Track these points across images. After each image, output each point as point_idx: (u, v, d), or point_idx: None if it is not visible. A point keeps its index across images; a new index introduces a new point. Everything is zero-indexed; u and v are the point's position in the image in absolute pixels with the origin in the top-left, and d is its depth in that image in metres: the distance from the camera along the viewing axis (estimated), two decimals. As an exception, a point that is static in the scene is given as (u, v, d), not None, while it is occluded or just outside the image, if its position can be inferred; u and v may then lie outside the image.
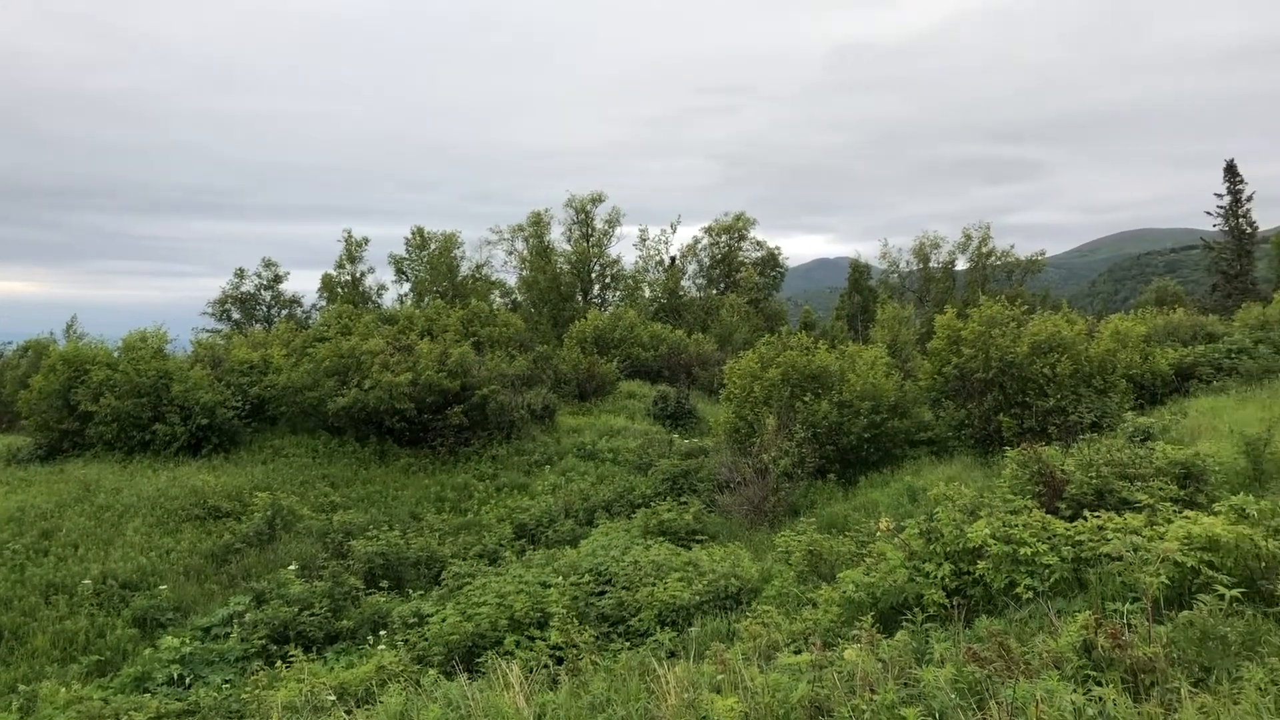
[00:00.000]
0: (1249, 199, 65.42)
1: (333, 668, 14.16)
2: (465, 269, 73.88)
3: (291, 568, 20.60)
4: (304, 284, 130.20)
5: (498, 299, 71.08)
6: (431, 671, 10.40)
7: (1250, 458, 15.89)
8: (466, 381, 32.81)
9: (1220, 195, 65.89)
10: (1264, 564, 8.33)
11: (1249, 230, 65.50)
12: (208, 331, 65.98)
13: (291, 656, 12.95)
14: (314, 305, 74.57)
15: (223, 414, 30.83)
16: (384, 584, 19.51)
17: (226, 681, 14.66)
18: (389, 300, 74.14)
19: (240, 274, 74.41)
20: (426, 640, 13.22)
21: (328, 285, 73.67)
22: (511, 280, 74.83)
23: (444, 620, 13.48)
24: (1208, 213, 66.58)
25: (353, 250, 73.98)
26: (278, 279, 75.38)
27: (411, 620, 15.17)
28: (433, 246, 73.69)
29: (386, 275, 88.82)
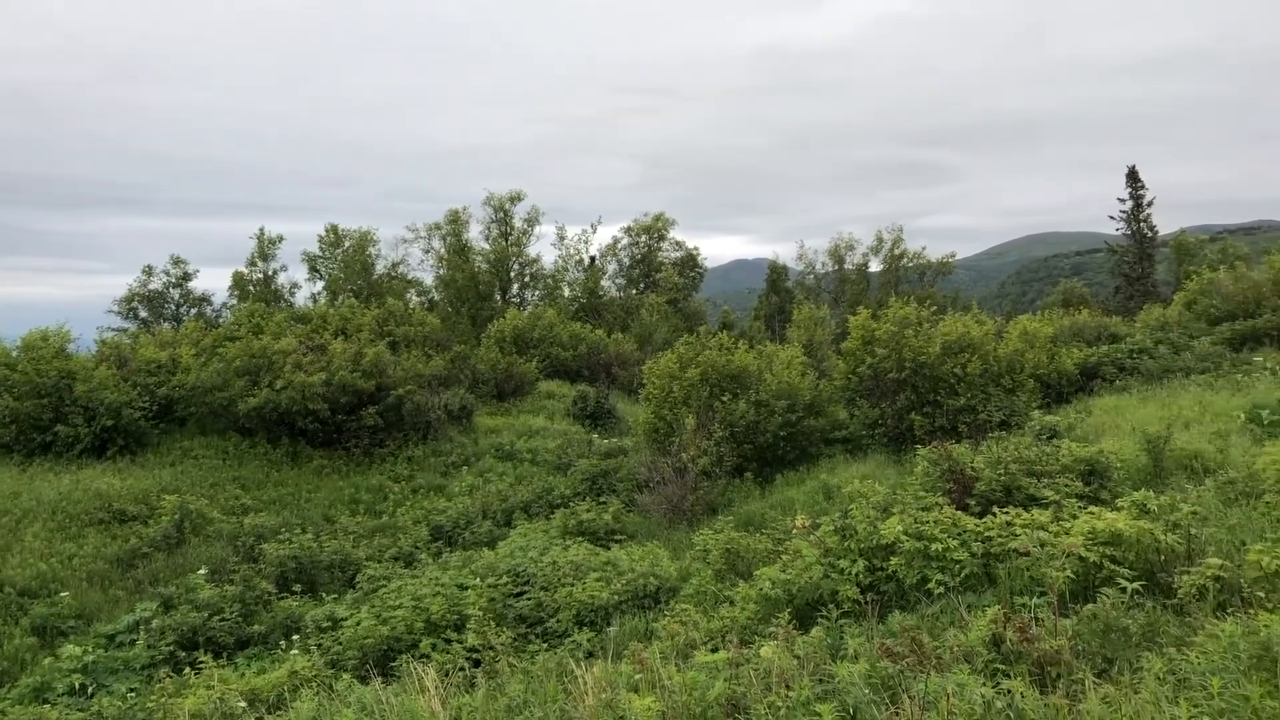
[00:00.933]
0: (1150, 204, 67.72)
1: (244, 674, 13.82)
2: (381, 267, 72.90)
3: (201, 572, 20.12)
4: (214, 282, 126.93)
5: (414, 298, 70.24)
6: (345, 676, 10.24)
7: (1151, 455, 16.46)
8: (381, 382, 32.37)
9: (1123, 200, 68.14)
10: (1163, 557, 8.63)
11: (1150, 234, 67.74)
12: (114, 330, 63.80)
13: (201, 663, 12.59)
14: (224, 304, 72.87)
15: (129, 415, 29.92)
16: (297, 588, 19.17)
17: (132, 690, 14.20)
18: (302, 299, 72.80)
19: (148, 271, 72.31)
20: (340, 644, 13.00)
21: (239, 283, 72.04)
22: (428, 279, 74.05)
23: (358, 624, 13.27)
24: (1111, 217, 68.80)
25: (265, 248, 72.48)
26: (186, 276, 73.42)
27: (325, 624, 14.90)
28: (347, 244, 72.56)
29: (300, 273, 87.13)
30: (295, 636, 15.25)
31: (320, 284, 73.56)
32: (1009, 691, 5.44)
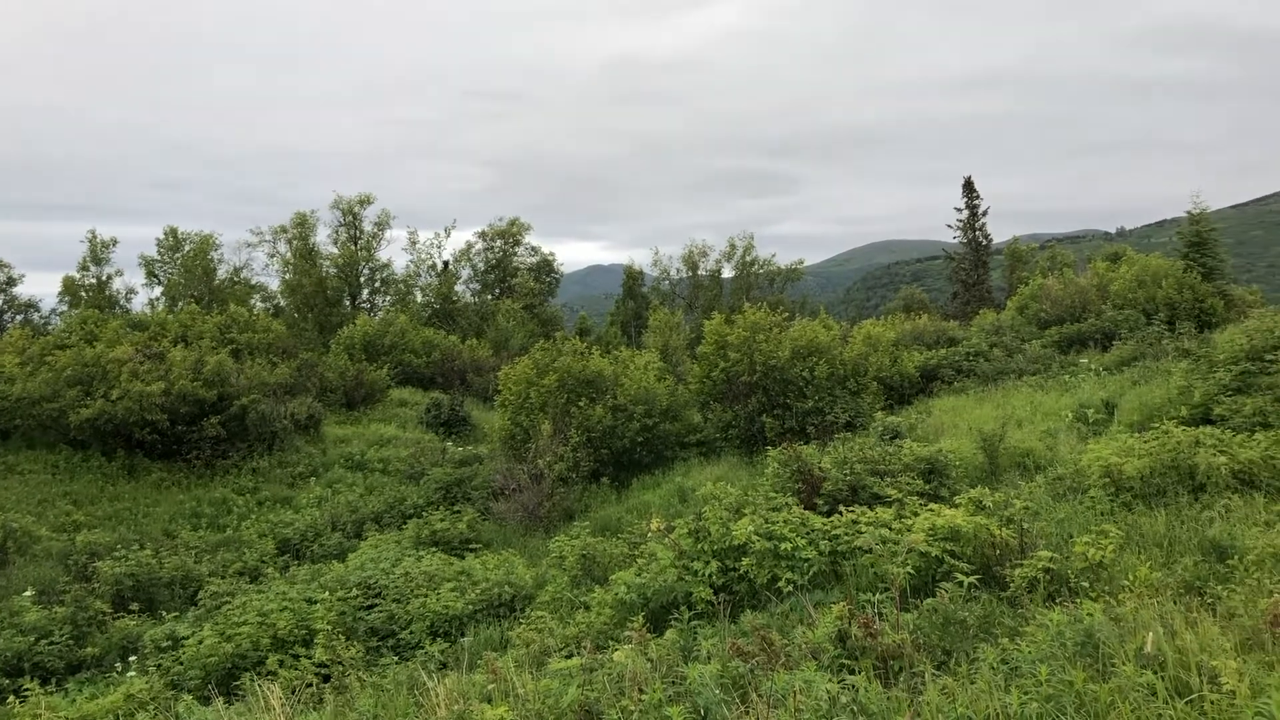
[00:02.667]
0: (984, 213, 70.87)
1: (75, 700, 13.12)
2: (223, 272, 70.11)
3: (27, 594, 18.92)
4: (42, 287, 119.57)
5: (259, 304, 67.80)
6: (186, 698, 9.82)
7: (986, 453, 17.25)
8: (224, 391, 31.19)
9: (960, 209, 71.06)
10: (998, 551, 9.04)
11: (985, 242, 70.89)
12: (-75, 339, 59.55)
13: (26, 690, 11.86)
14: (54, 310, 68.85)
15: (-56, 429, 27.96)
16: (134, 607, 18.27)
17: (-54, 726, 13.27)
18: (139, 305, 69.35)
19: (-37, 276, 67.79)
20: (181, 664, 12.50)
21: (70, 289, 68.16)
22: (274, 284, 71.56)
23: (201, 642, 12.75)
24: (949, 225, 71.65)
25: (98, 251, 68.80)
26: (10, 281, 69.12)
27: (165, 644, 14.24)
28: (187, 248, 69.53)
29: (136, 278, 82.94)
30: (133, 658, 14.60)
31: (159, 290, 70.25)
32: (853, 686, 5.59)
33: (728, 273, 79.98)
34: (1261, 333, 19.56)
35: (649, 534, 14.14)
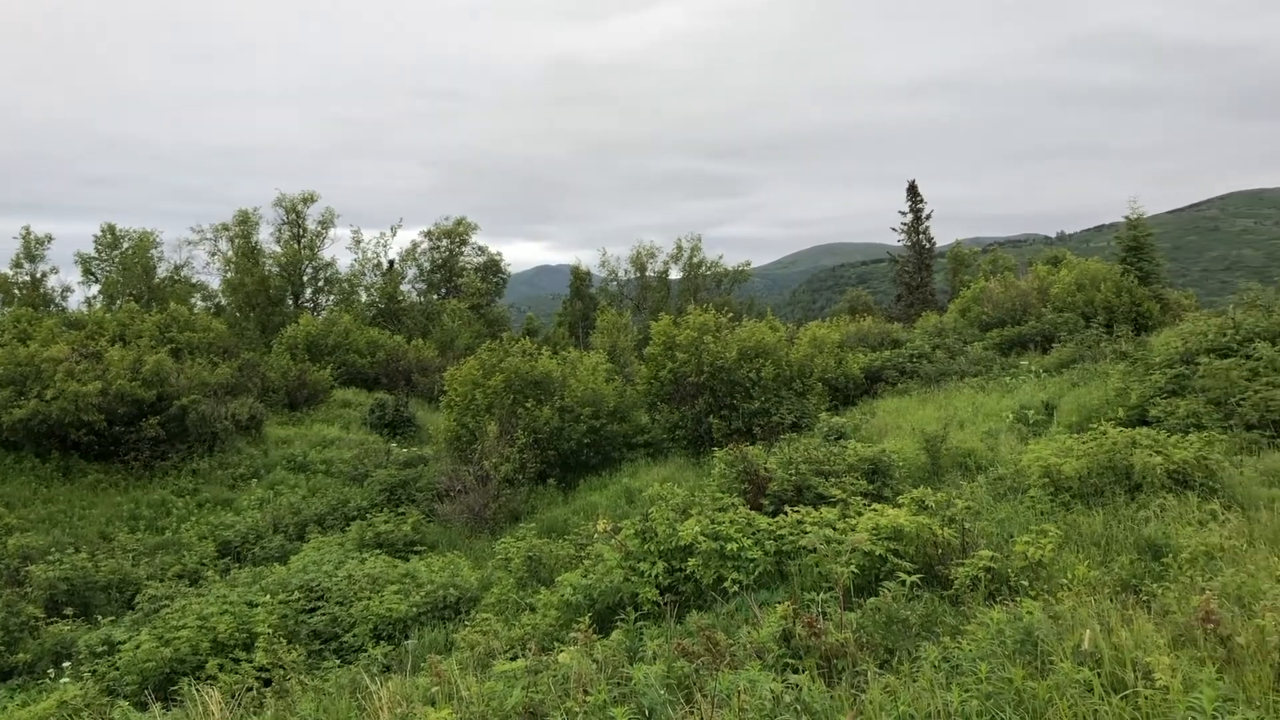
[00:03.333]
0: (928, 217, 71.80)
1: (5, 707, 12.83)
2: (163, 270, 68.75)
3: (-46, 600, 18.42)
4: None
5: (199, 303, 66.59)
6: (122, 703, 9.64)
7: (929, 453, 17.46)
8: (164, 391, 30.60)
9: (904, 213, 71.89)
10: (941, 550, 9.15)
11: (928, 245, 71.81)
12: None
13: (-48, 700, 11.57)
14: (-15, 308, 67.07)
15: None
16: (69, 611, 17.86)
17: None
18: (75, 303, 67.78)
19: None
20: (118, 670, 12.25)
21: (2, 286, 66.51)
22: (215, 283, 70.28)
23: (138, 647, 12.50)
24: (893, 229, 72.48)
25: (32, 248, 67.15)
26: (-60, 279, 67.26)
27: (101, 649, 13.96)
28: (126, 245, 68.11)
29: (72, 276, 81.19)
30: (67, 664, 14.25)
31: (96, 288, 68.75)
32: (797, 685, 5.62)
33: (675, 274, 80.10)
34: (1195, 336, 20.06)
35: (596, 535, 14.13)
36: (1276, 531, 9.11)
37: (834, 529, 9.41)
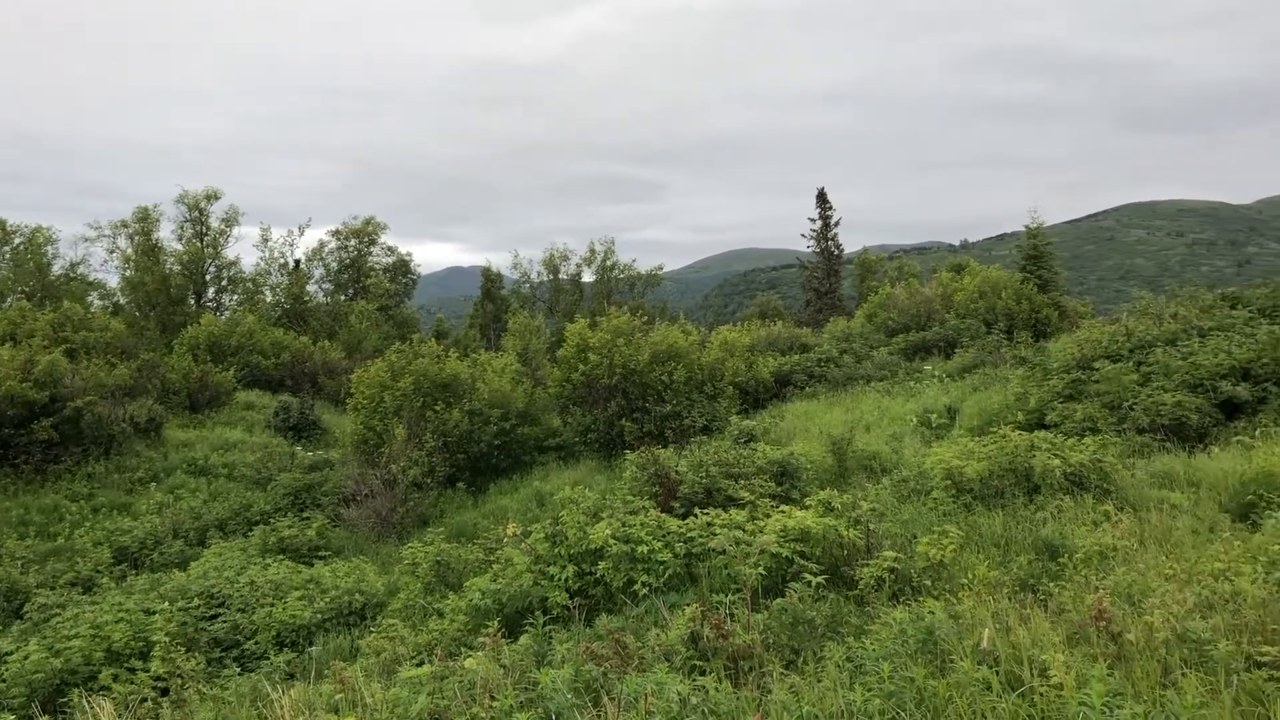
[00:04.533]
0: (837, 224, 73.01)
1: (-123, 727, 12.16)
2: (58, 268, 66.28)
3: None
4: None
5: (97, 301, 64.42)
6: (9, 716, 9.25)
7: (836, 456, 17.74)
8: (57, 392, 29.48)
9: (813, 220, 73.02)
10: (846, 551, 9.28)
11: (836, 251, 73.02)
12: None
13: None
14: None
15: None
16: (-51, 624, 17.06)
17: None
18: (-39, 302, 65.01)
19: None
20: (4, 682, 11.71)
21: (-120, 282, 63.47)
22: (114, 281, 68.03)
23: (26, 658, 11.97)
24: (803, 235, 73.53)
25: (-87, 243, 64.26)
26: None
27: (-16, 662, 13.35)
28: (17, 241, 65.54)
29: (-42, 273, 77.77)
30: (-54, 679, 13.55)
31: (-16, 285, 66.08)
32: (704, 687, 5.64)
33: (588, 277, 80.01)
34: (1091, 343, 20.75)
35: (505, 539, 14.00)
36: (1165, 532, 9.45)
37: (743, 531, 9.46)
